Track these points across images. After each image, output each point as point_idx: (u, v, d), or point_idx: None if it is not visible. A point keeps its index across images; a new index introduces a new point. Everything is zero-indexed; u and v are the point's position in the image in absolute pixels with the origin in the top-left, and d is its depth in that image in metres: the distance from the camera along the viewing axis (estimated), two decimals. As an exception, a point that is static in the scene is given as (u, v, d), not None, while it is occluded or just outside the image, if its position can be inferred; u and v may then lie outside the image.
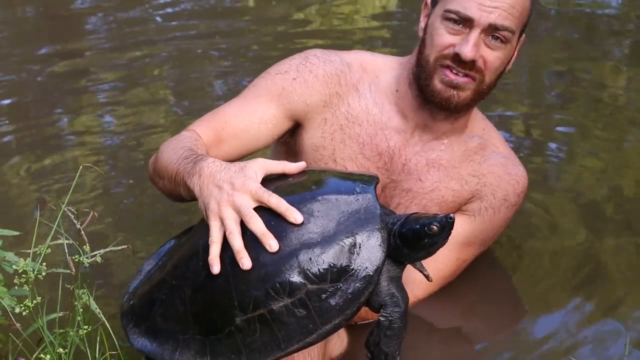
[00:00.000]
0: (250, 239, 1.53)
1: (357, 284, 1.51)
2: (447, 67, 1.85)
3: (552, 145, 3.01)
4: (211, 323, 1.56)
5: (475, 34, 1.81)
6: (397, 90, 1.96)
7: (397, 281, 1.60)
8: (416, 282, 1.89)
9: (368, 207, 1.56)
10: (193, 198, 1.67)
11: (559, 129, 3.13)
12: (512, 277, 2.26)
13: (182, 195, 1.74)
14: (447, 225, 1.57)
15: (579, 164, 2.83)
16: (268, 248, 1.51)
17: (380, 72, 1.98)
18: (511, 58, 1.91)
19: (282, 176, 1.64)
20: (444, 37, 1.84)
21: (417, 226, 1.57)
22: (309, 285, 1.50)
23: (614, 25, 4.26)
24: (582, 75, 3.63)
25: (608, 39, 4.10)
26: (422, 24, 1.92)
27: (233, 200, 1.55)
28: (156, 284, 1.67)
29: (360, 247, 1.53)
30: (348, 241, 1.53)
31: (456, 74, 1.85)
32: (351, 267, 1.52)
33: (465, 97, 1.88)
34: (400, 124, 1.97)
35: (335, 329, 1.52)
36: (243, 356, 1.53)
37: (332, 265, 1.51)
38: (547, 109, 3.34)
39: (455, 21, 1.82)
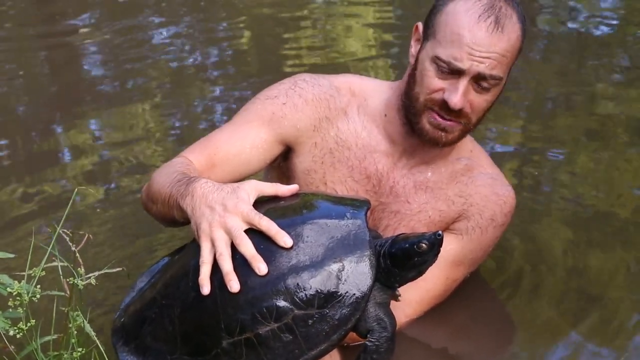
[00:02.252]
0: (240, 261, 1.54)
1: (343, 310, 1.52)
2: (435, 111, 1.84)
3: (545, 164, 3.00)
4: (199, 344, 1.57)
5: (464, 82, 1.80)
6: (385, 115, 1.97)
7: (384, 307, 1.61)
8: (406, 301, 1.88)
9: (357, 234, 1.57)
10: (186, 220, 1.68)
11: (553, 150, 3.11)
12: (502, 297, 2.25)
13: (175, 218, 1.75)
14: (436, 242, 1.58)
15: (571, 184, 2.83)
16: (257, 271, 1.53)
17: (368, 95, 1.99)
18: (500, 91, 1.89)
19: (275, 198, 1.65)
20: (434, 81, 1.82)
21: (407, 245, 1.58)
22: (296, 311, 1.51)
23: (610, 43, 4.28)
24: (577, 94, 3.64)
25: (603, 57, 4.11)
26: (412, 50, 1.91)
27: (224, 222, 1.56)
28: (147, 302, 1.68)
29: (348, 274, 1.53)
30: (336, 267, 1.53)
31: (443, 118, 1.84)
32: (338, 294, 1.52)
33: (453, 137, 1.89)
34: (388, 147, 1.98)
35: (321, 354, 1.54)
36: None
37: (319, 291, 1.52)
38: (542, 127, 3.33)
39: (444, 67, 1.80)
